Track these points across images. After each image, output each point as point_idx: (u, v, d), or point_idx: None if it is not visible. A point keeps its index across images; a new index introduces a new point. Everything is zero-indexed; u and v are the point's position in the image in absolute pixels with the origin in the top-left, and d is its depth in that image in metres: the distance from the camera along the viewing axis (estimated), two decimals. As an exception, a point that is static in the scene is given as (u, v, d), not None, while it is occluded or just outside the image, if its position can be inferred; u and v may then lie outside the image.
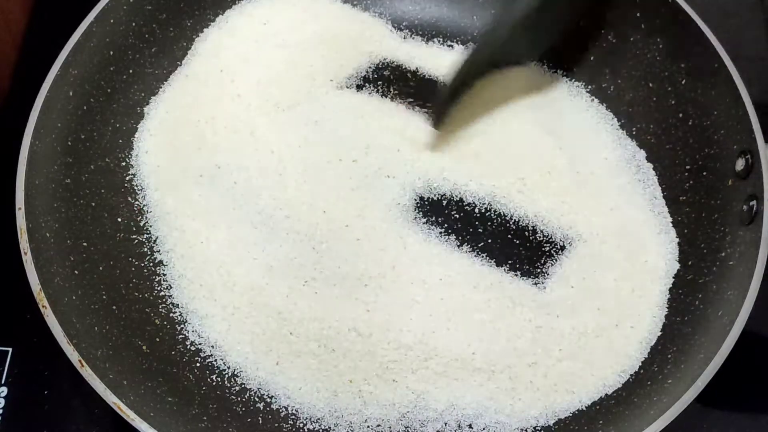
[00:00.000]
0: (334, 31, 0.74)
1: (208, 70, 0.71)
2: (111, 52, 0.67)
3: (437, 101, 0.68)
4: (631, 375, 0.60)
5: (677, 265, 0.63)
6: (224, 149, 0.68)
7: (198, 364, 0.60)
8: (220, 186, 0.66)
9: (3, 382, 0.62)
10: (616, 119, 0.71)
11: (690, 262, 0.63)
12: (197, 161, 0.67)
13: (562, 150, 0.69)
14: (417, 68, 0.74)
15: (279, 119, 0.70)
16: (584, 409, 0.59)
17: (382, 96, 0.72)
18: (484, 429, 0.58)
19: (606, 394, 0.59)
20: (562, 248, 0.65)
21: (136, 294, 0.63)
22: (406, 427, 0.58)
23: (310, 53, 0.73)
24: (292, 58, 0.73)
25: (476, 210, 0.67)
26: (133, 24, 0.68)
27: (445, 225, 0.66)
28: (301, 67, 0.72)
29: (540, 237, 0.66)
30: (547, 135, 0.69)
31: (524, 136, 0.69)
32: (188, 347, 0.61)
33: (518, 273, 0.64)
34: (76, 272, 0.60)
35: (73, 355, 0.52)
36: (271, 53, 0.73)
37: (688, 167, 0.66)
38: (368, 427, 0.58)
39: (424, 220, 0.66)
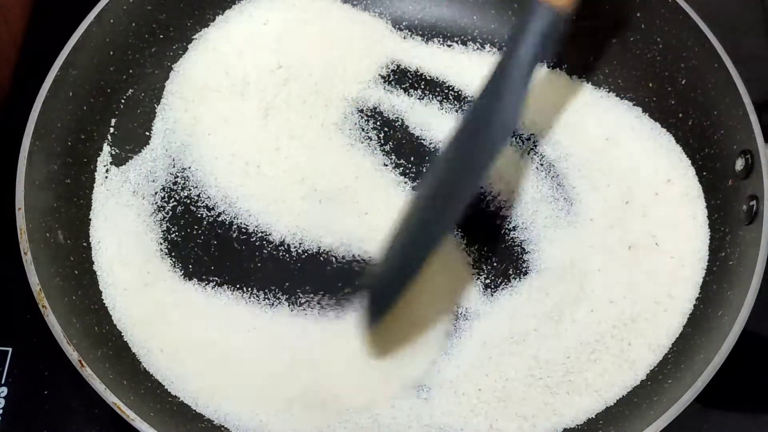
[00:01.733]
0: (334, 31, 0.74)
1: (207, 70, 0.71)
2: (111, 52, 0.67)
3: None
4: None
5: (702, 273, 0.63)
6: (219, 150, 0.68)
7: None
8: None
9: (3, 382, 0.62)
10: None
11: (690, 262, 0.63)
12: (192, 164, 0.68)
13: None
14: (417, 68, 0.74)
15: (278, 119, 0.70)
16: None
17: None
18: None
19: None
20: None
21: (136, 294, 0.62)
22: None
23: (310, 54, 0.73)
24: (292, 58, 0.73)
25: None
26: (133, 24, 0.68)
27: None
28: (300, 68, 0.72)
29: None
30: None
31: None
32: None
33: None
34: (76, 272, 0.60)
35: (73, 355, 0.52)
36: (270, 54, 0.73)
37: (688, 167, 0.66)
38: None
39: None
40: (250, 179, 0.67)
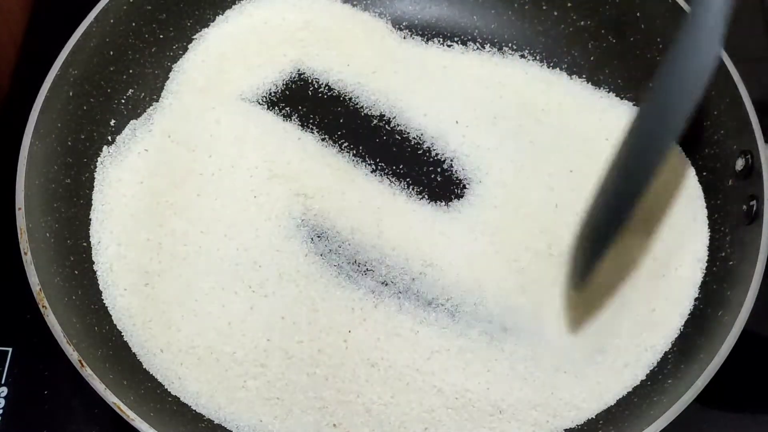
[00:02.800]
0: (334, 31, 0.74)
1: (207, 70, 0.71)
2: (111, 52, 0.67)
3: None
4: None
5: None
6: (221, 153, 0.68)
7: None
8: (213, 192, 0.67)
9: (3, 382, 0.62)
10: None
11: (690, 262, 0.63)
12: (192, 164, 0.68)
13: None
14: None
15: (278, 119, 0.70)
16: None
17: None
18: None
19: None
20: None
21: (136, 294, 0.62)
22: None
23: (310, 53, 0.73)
24: (292, 58, 0.73)
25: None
26: (133, 24, 0.68)
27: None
28: (300, 67, 0.72)
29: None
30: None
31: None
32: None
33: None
34: (77, 272, 0.60)
35: (73, 355, 0.52)
36: (271, 53, 0.73)
37: (688, 167, 0.66)
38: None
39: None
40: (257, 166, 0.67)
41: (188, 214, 0.65)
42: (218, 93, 0.70)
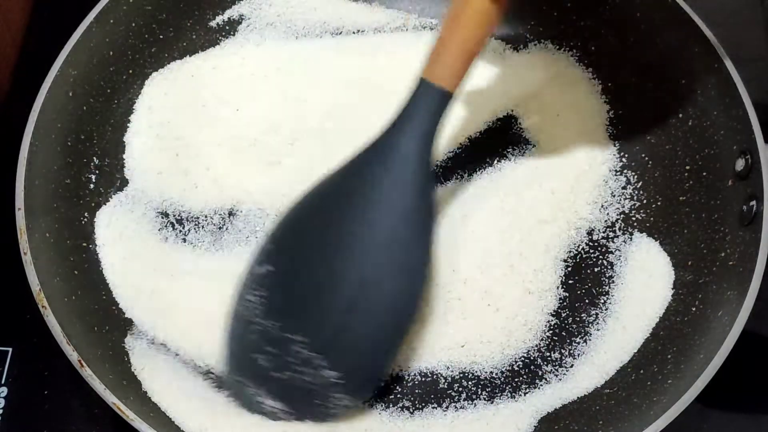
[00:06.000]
0: (339, 22, 0.75)
1: (207, 69, 0.72)
2: (111, 52, 0.67)
3: None
4: (631, 374, 0.60)
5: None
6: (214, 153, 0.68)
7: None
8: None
9: (3, 382, 0.62)
10: (615, 120, 0.71)
11: (690, 263, 0.63)
12: (187, 162, 0.68)
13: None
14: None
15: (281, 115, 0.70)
16: (584, 406, 0.59)
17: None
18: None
19: (606, 392, 0.60)
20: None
21: (136, 294, 0.62)
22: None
23: (313, 46, 0.73)
24: (297, 51, 0.73)
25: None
26: (133, 24, 0.68)
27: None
28: (301, 62, 0.73)
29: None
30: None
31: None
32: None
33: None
34: (76, 272, 0.60)
35: (72, 355, 0.52)
36: (274, 49, 0.73)
37: (688, 167, 0.66)
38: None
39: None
40: (254, 175, 0.68)
41: (190, 213, 0.66)
42: (214, 93, 0.70)
